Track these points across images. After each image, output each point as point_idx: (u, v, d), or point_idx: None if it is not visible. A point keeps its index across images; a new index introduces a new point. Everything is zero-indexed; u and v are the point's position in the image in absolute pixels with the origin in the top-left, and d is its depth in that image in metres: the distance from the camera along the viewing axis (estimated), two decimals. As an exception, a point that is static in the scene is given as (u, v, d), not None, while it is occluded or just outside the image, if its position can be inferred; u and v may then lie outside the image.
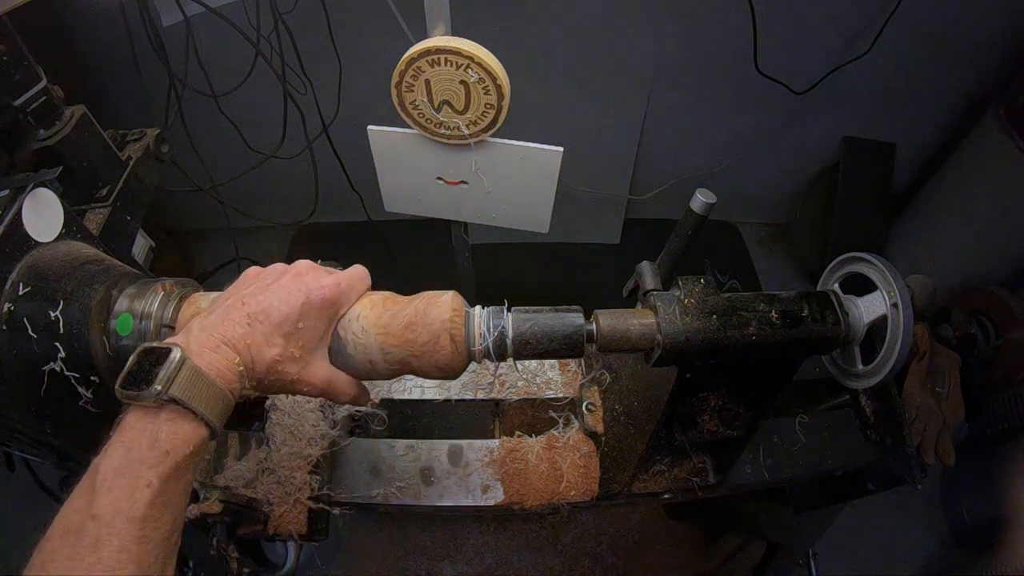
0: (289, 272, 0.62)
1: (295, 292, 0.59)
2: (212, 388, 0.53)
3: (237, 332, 0.56)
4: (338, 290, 0.61)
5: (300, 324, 0.59)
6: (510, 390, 1.02)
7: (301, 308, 0.59)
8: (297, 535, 0.91)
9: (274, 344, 0.58)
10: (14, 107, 0.79)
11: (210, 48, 1.50)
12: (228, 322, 0.57)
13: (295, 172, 1.76)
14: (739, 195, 2.44)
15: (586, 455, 0.95)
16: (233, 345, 0.56)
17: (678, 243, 0.81)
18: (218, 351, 0.55)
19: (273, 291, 0.59)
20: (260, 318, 0.58)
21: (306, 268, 0.63)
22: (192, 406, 0.51)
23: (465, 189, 1.14)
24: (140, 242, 0.95)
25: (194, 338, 0.55)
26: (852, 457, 1.03)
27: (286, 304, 0.58)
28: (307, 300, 0.59)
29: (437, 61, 0.93)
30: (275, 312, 0.58)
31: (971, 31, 1.84)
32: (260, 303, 0.58)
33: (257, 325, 0.57)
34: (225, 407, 0.55)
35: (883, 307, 0.77)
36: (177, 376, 0.51)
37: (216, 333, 0.56)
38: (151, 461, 0.49)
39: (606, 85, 1.88)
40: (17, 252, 0.62)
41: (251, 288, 0.60)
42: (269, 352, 0.58)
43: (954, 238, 2.07)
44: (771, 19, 1.67)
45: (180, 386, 0.51)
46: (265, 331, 0.57)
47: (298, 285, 0.60)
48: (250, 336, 0.57)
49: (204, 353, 0.54)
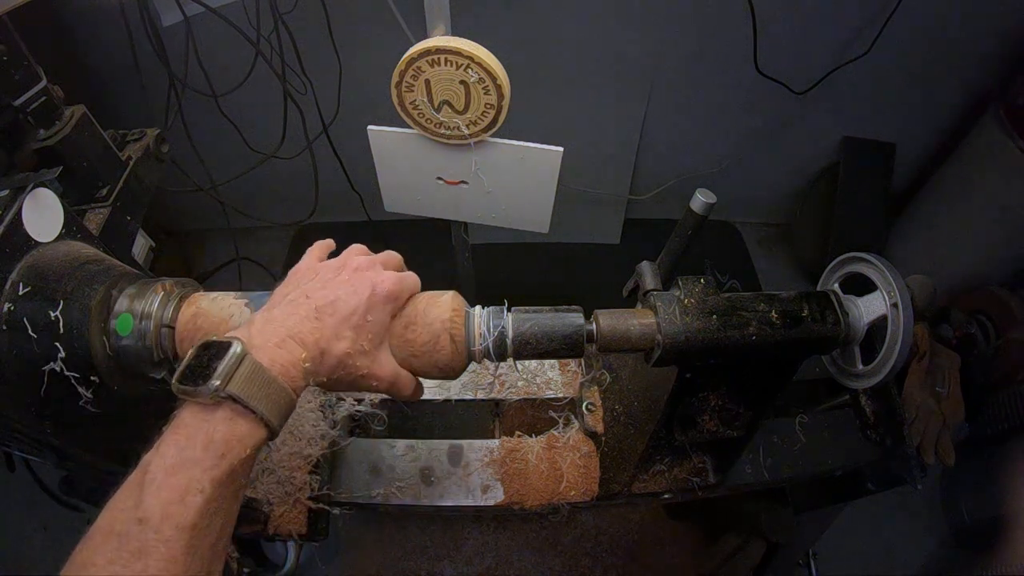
0: (349, 266, 0.62)
1: (361, 285, 0.59)
2: (274, 385, 0.50)
3: (305, 326, 0.55)
4: (400, 284, 0.62)
5: (369, 317, 0.58)
6: (510, 390, 1.02)
7: (368, 300, 0.58)
8: (297, 535, 0.91)
9: (344, 337, 0.57)
10: (14, 107, 0.79)
11: (210, 48, 1.50)
12: (294, 316, 0.55)
13: (295, 172, 1.76)
14: (739, 195, 2.44)
15: (586, 455, 0.95)
16: (300, 340, 0.54)
17: (678, 243, 0.81)
18: (283, 346, 0.53)
19: (339, 284, 0.59)
20: (328, 311, 0.56)
21: (367, 263, 0.63)
22: (251, 404, 0.48)
23: (465, 189, 1.14)
24: (140, 242, 0.95)
25: (257, 331, 0.53)
26: (852, 457, 1.03)
27: (354, 296, 0.58)
28: (373, 292, 0.59)
29: (437, 61, 0.93)
30: (343, 305, 0.57)
31: (971, 31, 1.84)
32: (327, 296, 0.57)
33: (326, 318, 0.56)
34: (287, 406, 0.52)
35: (883, 307, 0.77)
36: (237, 371, 0.48)
37: (281, 327, 0.54)
38: (205, 463, 0.46)
39: (606, 85, 1.88)
40: (17, 252, 0.62)
41: (313, 283, 0.59)
42: (339, 345, 0.56)
43: (954, 238, 2.07)
44: (771, 19, 1.67)
45: (239, 382, 0.48)
46: (334, 324, 0.56)
47: (362, 279, 0.60)
48: (319, 330, 0.55)
49: (267, 348, 0.52)
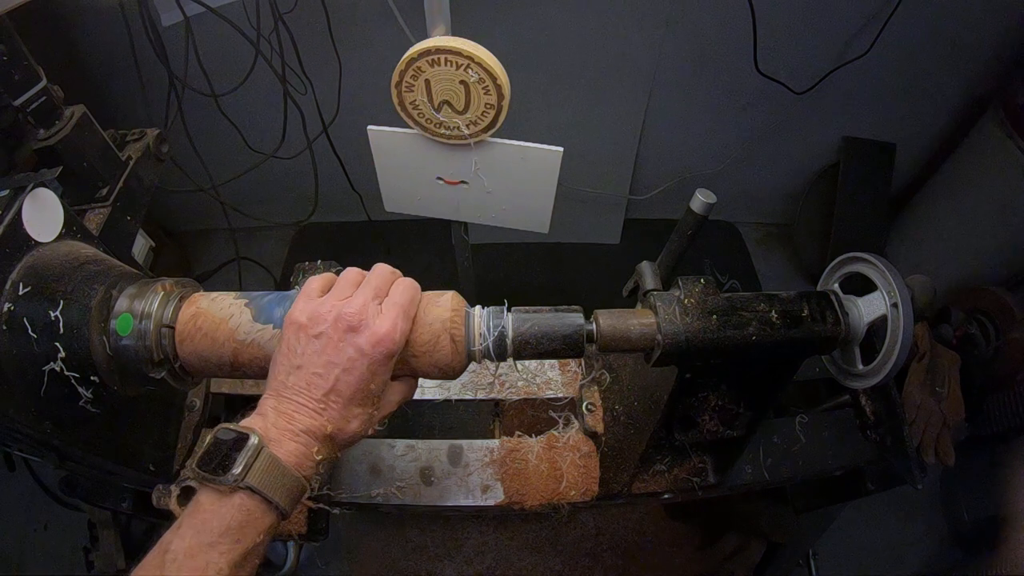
0: (339, 327, 0.57)
1: (356, 358, 0.56)
2: (288, 477, 0.53)
3: (316, 421, 0.55)
4: (396, 334, 0.58)
5: (372, 386, 0.58)
6: (510, 390, 1.01)
7: (368, 370, 0.57)
8: (297, 535, 0.91)
9: (354, 416, 0.57)
10: (14, 107, 0.79)
11: (210, 48, 1.50)
12: (303, 410, 0.56)
13: (295, 172, 1.76)
14: (739, 195, 2.44)
15: (586, 455, 0.95)
16: (312, 434, 0.55)
17: (678, 243, 0.81)
18: (297, 439, 0.55)
19: (333, 360, 0.56)
20: (332, 398, 0.56)
21: (356, 319, 0.57)
22: (267, 495, 0.51)
23: (465, 189, 1.14)
24: (140, 242, 0.95)
25: (272, 423, 0.55)
26: (852, 457, 1.03)
27: (352, 373, 0.56)
28: (372, 360, 0.57)
29: (437, 61, 0.93)
30: (345, 387, 0.56)
31: (971, 31, 1.84)
32: (327, 382, 0.56)
33: (332, 406, 0.56)
34: (299, 494, 0.54)
35: (883, 307, 0.77)
36: (255, 464, 0.51)
37: (295, 423, 0.55)
38: (222, 547, 0.49)
39: (606, 85, 1.88)
40: (17, 252, 0.62)
41: (308, 356, 0.57)
42: (351, 426, 0.57)
43: (954, 238, 2.07)
44: (771, 19, 1.67)
45: (257, 474, 0.51)
46: (341, 409, 0.56)
47: (357, 347, 0.56)
48: (329, 421, 0.56)
49: (283, 441, 0.54)
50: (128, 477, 0.89)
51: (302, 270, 1.10)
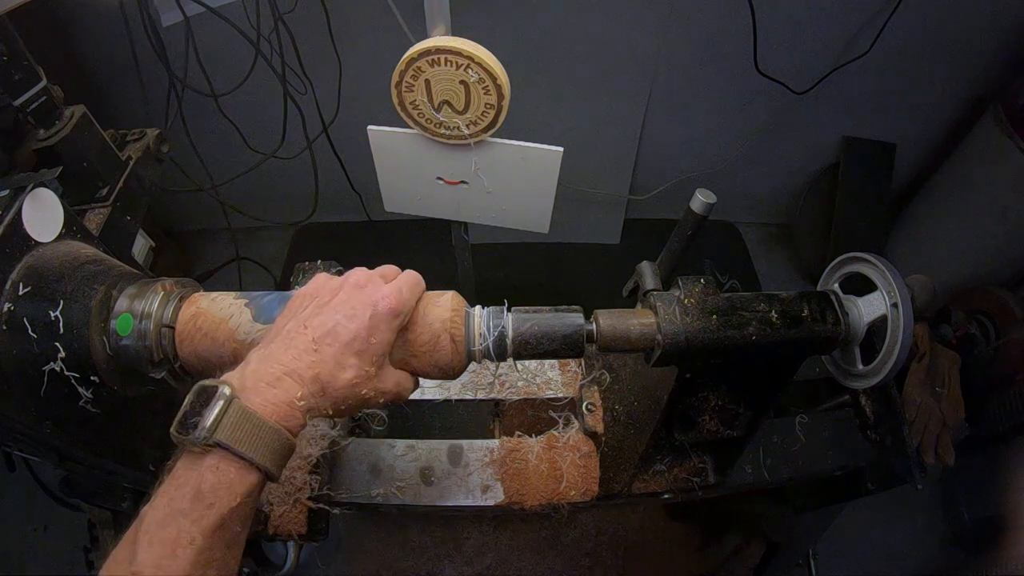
0: (347, 285, 0.57)
1: (360, 306, 0.55)
2: (265, 429, 0.48)
3: (303, 361, 0.52)
4: (401, 297, 0.57)
5: (372, 339, 0.55)
6: (510, 390, 1.01)
7: (370, 321, 0.54)
8: (297, 535, 0.91)
9: (348, 366, 0.54)
10: (14, 107, 0.79)
11: (210, 48, 1.50)
12: (291, 350, 0.52)
13: (295, 172, 1.76)
14: (739, 195, 2.44)
15: (586, 455, 0.95)
16: (298, 376, 0.51)
17: (678, 243, 0.81)
18: (277, 384, 0.50)
19: (335, 307, 0.55)
20: (328, 340, 0.53)
21: (364, 278, 0.58)
22: (239, 451, 0.47)
23: (465, 189, 1.14)
24: (140, 242, 0.95)
25: (251, 371, 0.51)
26: (852, 457, 1.03)
27: (354, 320, 0.54)
28: (375, 312, 0.55)
29: (437, 61, 0.93)
30: (344, 331, 0.53)
31: (971, 31, 1.84)
32: (324, 323, 0.53)
33: (325, 348, 0.53)
34: (282, 448, 0.50)
35: (883, 307, 0.77)
36: (224, 418, 0.47)
37: (276, 364, 0.51)
38: (194, 514, 0.45)
39: (606, 85, 1.88)
40: (17, 252, 0.62)
41: (309, 309, 0.55)
42: (344, 375, 0.53)
43: (954, 238, 2.07)
44: (771, 19, 1.67)
45: (227, 429, 0.47)
46: (335, 353, 0.53)
47: (361, 298, 0.55)
48: (318, 363, 0.52)
49: (260, 389, 0.50)
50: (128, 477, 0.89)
51: (302, 270, 1.10)
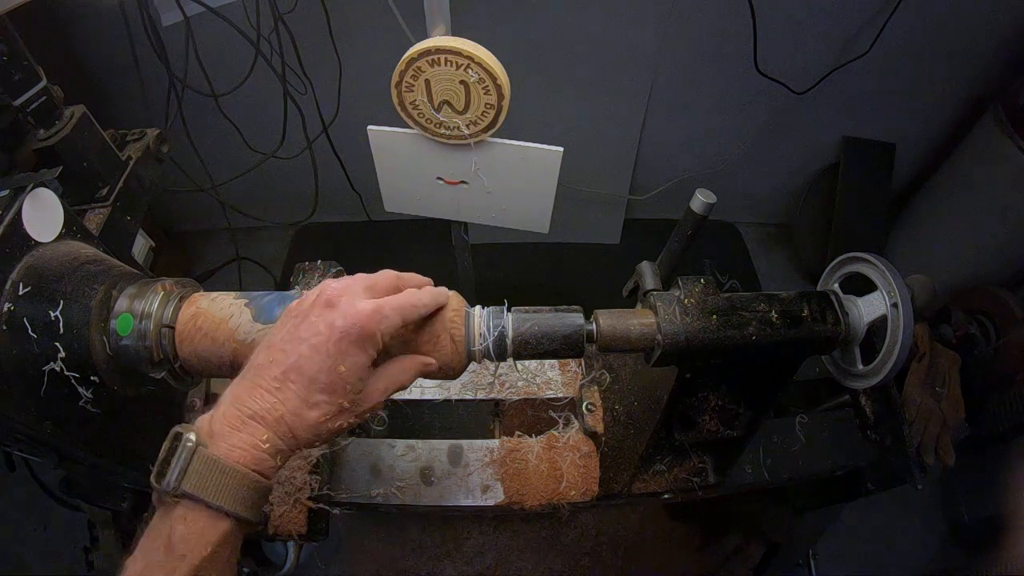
0: (316, 303, 0.52)
1: (325, 331, 0.50)
2: (231, 475, 0.47)
3: (266, 402, 0.49)
4: (376, 317, 0.51)
5: (341, 368, 0.50)
6: (510, 390, 1.01)
7: (336, 350, 0.50)
8: (297, 535, 0.91)
9: (315, 404, 0.50)
10: (14, 107, 0.79)
11: (210, 48, 1.50)
12: (256, 390, 0.49)
13: (295, 172, 1.76)
14: (739, 195, 2.44)
15: (586, 455, 0.95)
16: (261, 419, 0.49)
17: (678, 243, 0.81)
18: (242, 428, 0.48)
19: (300, 335, 0.50)
20: (292, 376, 0.49)
21: (336, 294, 0.52)
22: (206, 499, 0.46)
23: (465, 189, 1.14)
24: (140, 242, 0.95)
25: (220, 415, 0.49)
26: (852, 457, 1.03)
27: (317, 352, 0.49)
28: (340, 339, 0.50)
29: (437, 61, 0.93)
30: (307, 364, 0.49)
31: (971, 31, 1.84)
32: (289, 357, 0.49)
33: (289, 385, 0.49)
34: (253, 492, 0.48)
35: (883, 307, 0.77)
36: (190, 466, 0.46)
37: (242, 407, 0.49)
38: (168, 566, 0.44)
39: (606, 85, 1.88)
40: (17, 252, 0.62)
41: (282, 333, 0.52)
42: (311, 415, 0.50)
43: (954, 238, 2.07)
44: (771, 19, 1.67)
45: (193, 478, 0.45)
46: (300, 391, 0.49)
47: (328, 321, 0.50)
48: (282, 403, 0.49)
49: (226, 434, 0.48)
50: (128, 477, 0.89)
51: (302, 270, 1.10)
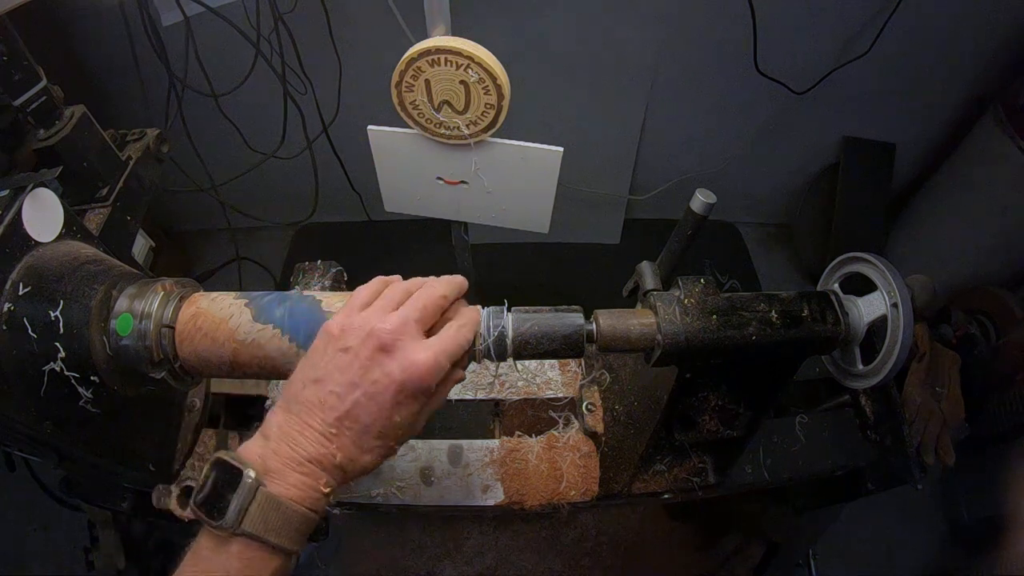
0: (370, 343, 0.50)
1: (383, 383, 0.49)
2: (291, 513, 0.47)
3: (323, 447, 0.49)
4: (437, 369, 0.51)
5: (396, 418, 0.51)
6: (510, 390, 1.01)
7: (394, 402, 0.50)
8: (297, 535, 0.91)
9: (370, 449, 0.51)
10: (14, 107, 0.79)
11: (210, 48, 1.50)
12: (309, 430, 0.49)
13: (295, 172, 1.76)
14: (739, 195, 2.44)
15: (586, 455, 0.95)
16: (319, 463, 0.49)
17: (678, 243, 0.81)
18: (300, 469, 0.48)
19: (355, 379, 0.49)
20: (347, 423, 0.49)
21: (393, 335, 0.50)
22: (267, 539, 0.46)
23: (465, 189, 1.14)
24: (140, 242, 0.95)
25: (273, 450, 0.49)
26: (852, 457, 1.03)
27: (374, 402, 0.49)
28: (400, 392, 0.50)
29: (437, 61, 0.93)
30: (364, 415, 0.49)
31: (971, 31, 1.84)
32: (341, 405, 0.49)
33: (345, 432, 0.49)
34: (307, 528, 0.49)
35: (883, 307, 0.77)
36: (251, 507, 0.46)
37: (298, 448, 0.49)
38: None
39: (606, 85, 1.88)
40: (17, 252, 0.62)
41: (328, 375, 0.50)
42: (365, 458, 0.51)
43: (954, 238, 2.07)
44: (771, 19, 1.67)
45: (254, 518, 0.46)
46: (355, 437, 0.50)
47: (386, 371, 0.49)
48: (339, 449, 0.49)
49: (283, 472, 0.48)
50: (128, 477, 0.89)
51: (302, 270, 1.10)
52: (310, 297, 0.64)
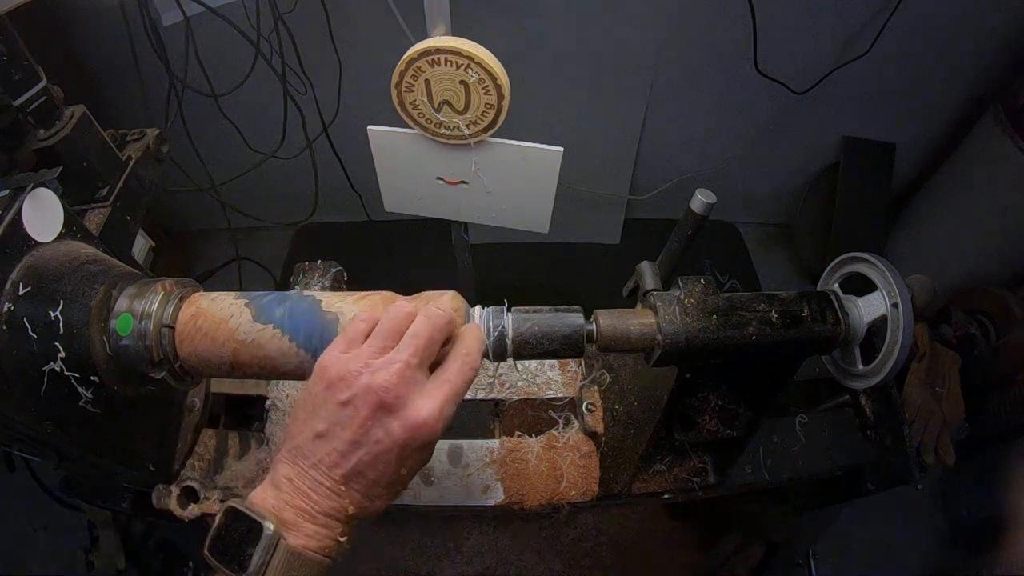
0: (370, 401, 0.49)
1: (385, 444, 0.49)
2: (312, 564, 0.49)
3: (335, 502, 0.50)
4: (439, 423, 0.51)
5: (403, 471, 0.51)
6: (510, 390, 1.01)
7: (399, 458, 0.50)
8: (297, 535, 0.91)
9: (379, 496, 0.52)
10: (14, 107, 0.79)
11: (210, 48, 1.50)
12: (322, 489, 0.50)
13: (295, 172, 1.76)
14: (739, 195, 2.44)
15: (586, 455, 0.95)
16: (334, 516, 0.50)
17: (678, 243, 0.81)
18: (317, 521, 0.50)
19: (360, 442, 0.49)
20: (354, 481, 0.50)
21: (392, 396, 0.49)
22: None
23: (465, 189, 1.14)
24: (140, 242, 0.95)
25: (287, 502, 0.49)
26: (852, 457, 1.03)
27: (379, 461, 0.50)
28: (404, 447, 0.50)
29: (437, 61, 0.93)
30: (369, 471, 0.50)
31: (971, 31, 1.84)
32: (349, 462, 0.50)
33: (353, 488, 0.50)
34: (325, 574, 0.51)
35: (883, 307, 0.77)
36: (272, 560, 0.47)
37: (312, 503, 0.50)
38: None
39: (606, 85, 1.88)
40: (17, 252, 0.62)
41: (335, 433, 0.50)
42: (375, 504, 0.52)
43: (954, 238, 2.07)
44: (771, 19, 1.67)
45: (277, 571, 0.47)
46: (364, 491, 0.51)
47: (388, 431, 0.49)
48: (351, 503, 0.51)
49: (301, 525, 0.49)
50: (128, 477, 0.89)
51: (302, 270, 1.10)
52: (310, 297, 0.64)
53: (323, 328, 0.61)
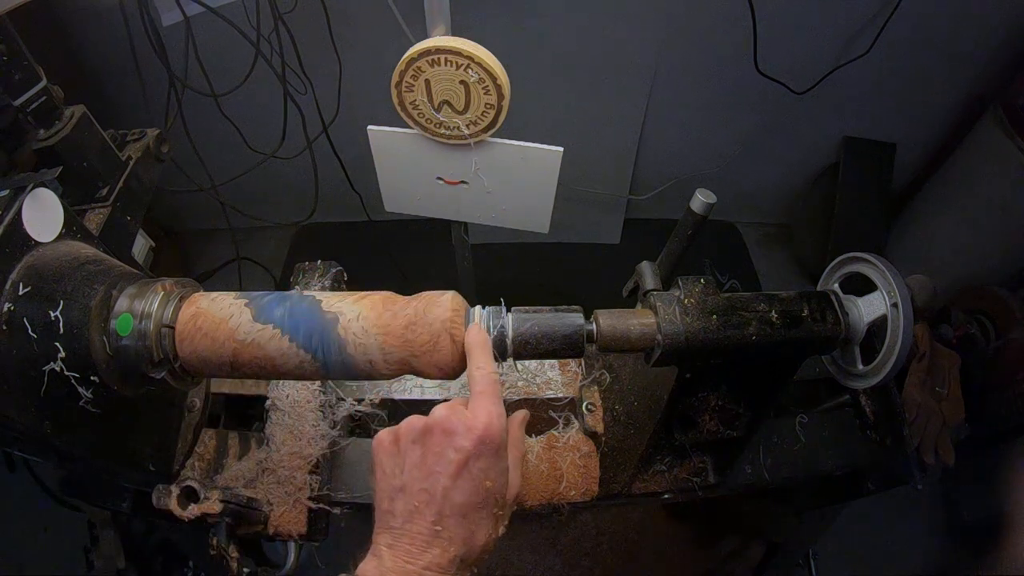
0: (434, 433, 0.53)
1: (460, 459, 0.52)
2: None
3: (439, 547, 0.51)
4: (495, 419, 0.54)
5: (488, 483, 0.54)
6: (510, 390, 1.01)
7: (479, 472, 0.53)
8: (297, 535, 0.91)
9: (478, 524, 0.53)
10: (14, 107, 0.79)
11: (210, 48, 1.50)
12: (419, 539, 0.52)
13: (295, 172, 1.76)
14: (739, 195, 2.44)
15: (586, 455, 0.95)
16: (438, 566, 0.51)
17: (678, 243, 0.81)
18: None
19: (436, 471, 0.52)
20: (447, 511, 0.52)
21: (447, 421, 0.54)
22: None
23: (465, 189, 1.14)
24: (140, 242, 0.95)
25: (390, 569, 0.51)
26: (852, 457, 1.03)
27: (461, 479, 0.52)
28: (479, 459, 0.53)
29: (437, 61, 0.93)
30: (457, 495, 0.52)
31: (971, 31, 1.84)
32: (435, 494, 0.52)
33: (448, 521, 0.52)
34: None
35: (883, 307, 0.77)
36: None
37: (414, 560, 0.51)
38: None
39: (606, 85, 1.88)
40: (17, 252, 0.62)
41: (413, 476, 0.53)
42: (479, 537, 0.53)
43: (954, 238, 2.07)
44: (771, 19, 1.67)
45: None
46: (460, 520, 0.53)
47: (458, 447, 0.52)
48: (451, 542, 0.52)
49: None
50: (128, 477, 0.89)
51: (302, 270, 1.10)
52: (310, 297, 0.64)
53: (323, 328, 0.62)
